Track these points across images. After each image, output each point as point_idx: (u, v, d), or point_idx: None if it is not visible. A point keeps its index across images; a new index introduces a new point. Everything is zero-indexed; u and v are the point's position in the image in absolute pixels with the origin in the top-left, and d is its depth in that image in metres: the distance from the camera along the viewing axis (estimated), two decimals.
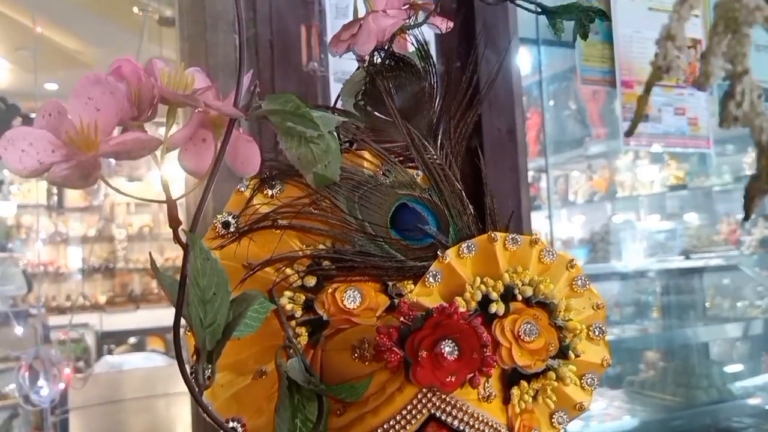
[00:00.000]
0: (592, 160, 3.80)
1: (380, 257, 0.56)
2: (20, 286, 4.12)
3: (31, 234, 4.75)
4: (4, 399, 3.75)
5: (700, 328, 2.80)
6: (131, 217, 5.45)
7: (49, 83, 4.31)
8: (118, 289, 5.37)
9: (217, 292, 0.44)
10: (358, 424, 0.52)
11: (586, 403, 0.58)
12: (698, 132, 2.27)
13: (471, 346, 0.50)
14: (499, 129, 1.75)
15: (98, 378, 3.39)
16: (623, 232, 3.29)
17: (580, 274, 0.59)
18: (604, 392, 2.73)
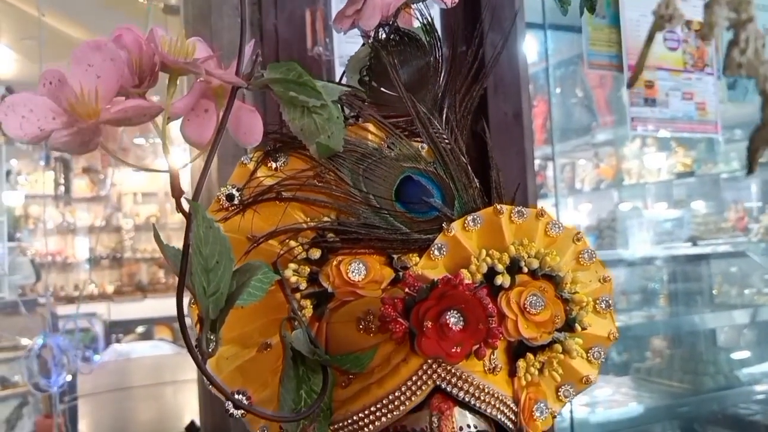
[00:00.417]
0: (599, 147, 3.77)
1: (385, 230, 0.55)
2: (28, 276, 4.15)
3: (39, 224, 4.77)
4: (14, 387, 3.78)
5: (708, 314, 2.79)
6: (138, 207, 5.46)
7: None
8: (125, 279, 5.39)
9: (219, 260, 0.44)
10: (363, 396, 0.52)
11: (593, 377, 0.58)
12: (706, 117, 2.25)
13: (476, 316, 0.49)
14: (505, 113, 1.74)
15: (106, 366, 3.41)
16: (630, 220, 3.28)
17: (586, 248, 0.58)
18: (610, 379, 2.73)
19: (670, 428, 2.53)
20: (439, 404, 0.51)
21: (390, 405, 0.51)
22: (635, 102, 2.14)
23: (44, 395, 3.43)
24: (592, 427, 2.35)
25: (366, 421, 0.51)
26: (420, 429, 0.51)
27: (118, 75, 0.42)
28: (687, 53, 2.21)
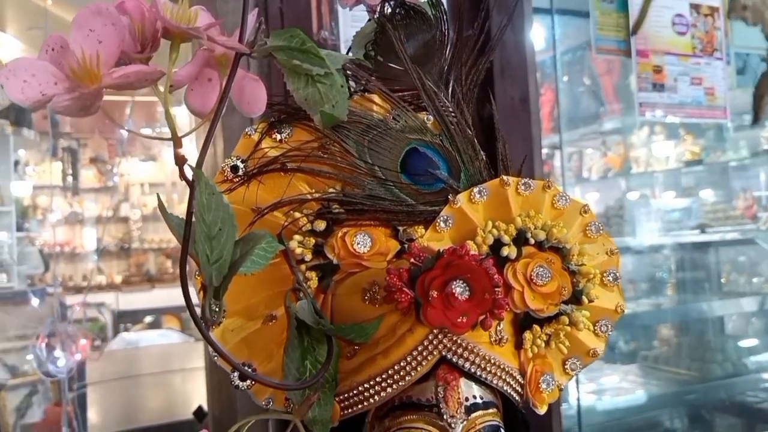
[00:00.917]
0: (607, 136, 3.75)
1: (390, 201, 0.55)
2: (37, 265, 4.17)
3: (47, 214, 4.79)
4: (24, 376, 3.81)
5: (716, 302, 2.77)
6: (145, 198, 5.48)
7: None
8: (133, 269, 5.41)
9: (222, 227, 0.43)
10: (368, 366, 0.51)
11: (600, 350, 0.57)
12: (715, 102, 2.23)
13: (482, 286, 0.49)
14: (512, 98, 1.72)
15: (115, 354, 3.43)
16: (638, 209, 3.26)
17: (593, 220, 0.58)
18: (617, 367, 2.72)
19: (677, 416, 2.52)
20: (444, 375, 0.51)
21: (395, 375, 0.51)
22: (643, 87, 2.12)
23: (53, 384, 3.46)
24: (599, 415, 2.34)
25: (371, 392, 0.51)
26: (425, 399, 0.51)
27: (120, 40, 0.42)
28: (696, 38, 2.19)
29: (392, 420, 0.51)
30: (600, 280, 0.57)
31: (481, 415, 0.51)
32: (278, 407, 0.52)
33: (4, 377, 3.75)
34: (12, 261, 3.93)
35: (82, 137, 5.11)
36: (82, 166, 5.15)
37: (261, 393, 0.54)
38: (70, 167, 4.91)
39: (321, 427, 0.51)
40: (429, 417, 0.50)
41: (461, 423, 0.50)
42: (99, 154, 5.19)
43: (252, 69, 0.60)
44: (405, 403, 0.51)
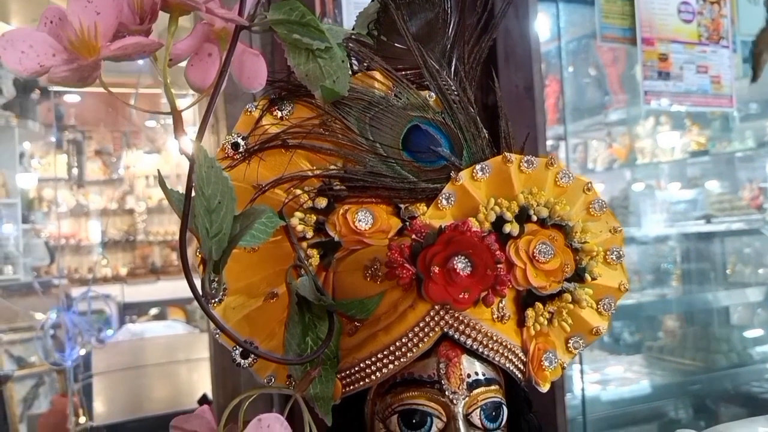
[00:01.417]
0: (612, 127, 3.73)
1: (392, 178, 0.55)
2: (42, 257, 4.18)
3: (53, 207, 4.80)
4: (30, 367, 3.83)
5: (721, 292, 2.76)
6: (150, 190, 5.49)
7: None
8: (138, 261, 5.43)
9: (222, 200, 0.43)
10: (370, 343, 0.51)
11: (603, 328, 0.57)
12: (721, 90, 2.22)
13: (484, 262, 0.48)
14: (516, 86, 1.72)
15: (120, 345, 3.44)
16: (643, 199, 3.24)
17: (597, 198, 0.57)
18: (622, 358, 2.72)
19: (681, 406, 2.52)
20: (446, 352, 0.51)
21: (397, 352, 0.50)
22: (648, 75, 2.11)
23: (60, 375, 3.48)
24: (603, 405, 2.34)
25: (373, 368, 0.51)
26: (427, 376, 0.51)
27: (117, 11, 0.42)
28: (702, 25, 2.17)
29: (394, 396, 0.51)
30: (603, 258, 0.57)
31: (483, 392, 0.51)
32: (280, 384, 0.52)
33: (11, 368, 3.77)
34: (18, 253, 3.94)
35: (87, 129, 5.11)
36: (87, 158, 5.16)
37: (263, 371, 0.54)
38: (76, 160, 4.92)
39: (323, 403, 0.51)
40: (431, 393, 0.50)
41: (463, 399, 0.50)
42: (104, 147, 5.20)
43: (254, 47, 0.60)
44: (407, 379, 0.51)
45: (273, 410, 1.04)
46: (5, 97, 3.69)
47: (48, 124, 4.10)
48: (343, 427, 0.54)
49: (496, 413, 0.51)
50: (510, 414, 0.54)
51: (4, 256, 3.92)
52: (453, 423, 0.49)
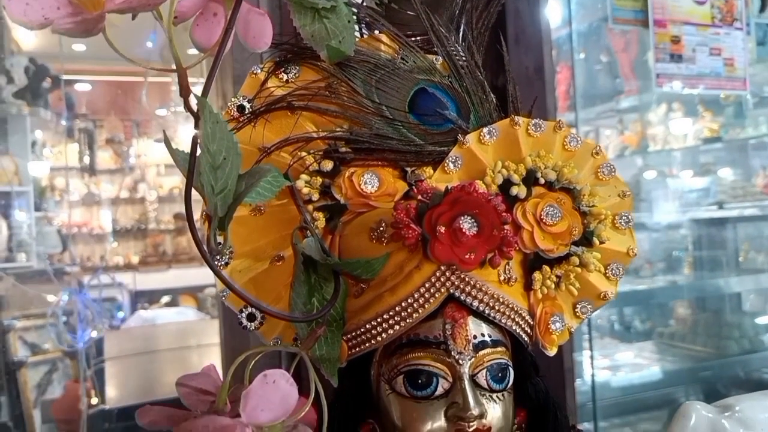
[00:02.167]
0: (624, 114, 3.70)
1: (398, 140, 0.54)
2: (55, 245, 4.21)
3: (65, 196, 4.83)
4: (44, 353, 3.87)
5: (733, 278, 2.74)
6: (161, 179, 5.51)
7: (76, 44, 4.33)
8: (150, 250, 5.46)
9: (227, 156, 0.43)
10: (376, 304, 0.51)
11: (611, 293, 0.56)
12: (734, 73, 2.19)
13: (491, 222, 0.48)
14: (526, 67, 1.70)
15: (132, 331, 3.47)
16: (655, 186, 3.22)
17: (605, 162, 0.57)
18: (633, 344, 2.71)
19: (692, 392, 2.50)
20: (452, 313, 0.50)
21: (403, 312, 0.50)
22: (660, 58, 2.09)
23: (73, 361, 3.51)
24: (614, 391, 2.33)
25: (379, 330, 0.51)
26: (433, 336, 0.50)
27: None
28: (715, 7, 2.14)
29: (399, 357, 0.51)
30: (612, 223, 0.56)
31: (489, 353, 0.51)
32: (286, 343, 0.52)
33: (25, 355, 3.82)
34: (31, 240, 3.97)
35: (98, 118, 5.14)
36: (98, 147, 5.18)
37: (269, 333, 0.54)
38: (87, 148, 4.95)
39: (329, 365, 0.50)
40: (437, 354, 0.50)
41: (469, 360, 0.50)
42: (115, 135, 5.22)
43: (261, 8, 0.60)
44: (412, 340, 0.51)
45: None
46: (17, 85, 3.71)
47: (60, 112, 4.12)
48: (350, 390, 0.54)
49: (502, 375, 0.51)
50: (517, 378, 0.53)
51: (17, 243, 3.95)
52: (459, 383, 0.49)
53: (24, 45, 4.10)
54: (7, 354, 3.80)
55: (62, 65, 3.88)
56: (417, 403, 0.50)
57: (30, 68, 3.76)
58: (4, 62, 3.66)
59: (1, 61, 3.65)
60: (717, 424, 0.68)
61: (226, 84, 0.98)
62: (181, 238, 5.49)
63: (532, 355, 0.56)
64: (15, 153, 3.80)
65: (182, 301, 4.98)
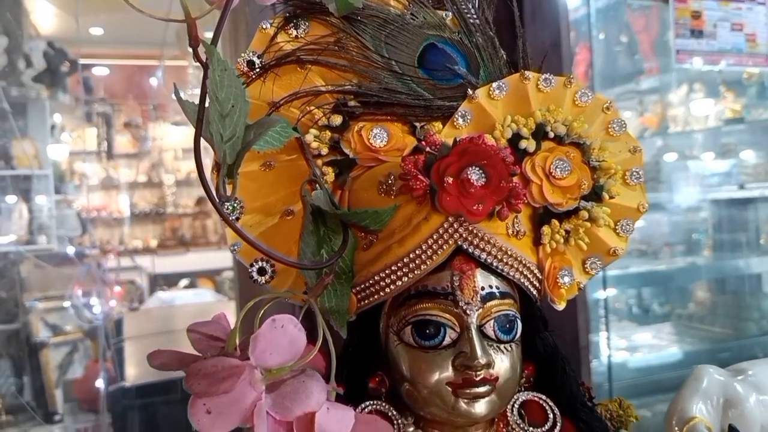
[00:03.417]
0: (644, 95, 3.65)
1: (407, 95, 0.54)
2: (75, 228, 4.27)
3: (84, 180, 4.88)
4: (65, 335, 3.94)
5: (753, 259, 2.71)
6: (179, 163, 5.55)
7: (93, 28, 4.36)
8: (168, 233, 5.52)
9: (235, 103, 0.43)
10: (384, 256, 0.51)
11: (620, 249, 0.56)
12: (756, 49, 2.15)
13: (498, 173, 0.48)
14: (542, 42, 1.68)
15: (151, 312, 3.52)
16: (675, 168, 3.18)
17: (616, 117, 0.56)
18: (651, 326, 2.69)
19: None
20: (460, 265, 0.51)
21: (411, 264, 0.50)
22: (681, 34, 2.05)
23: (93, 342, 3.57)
24: (631, 372, 2.32)
25: (387, 281, 0.51)
26: (441, 288, 0.51)
27: None
28: None
29: (408, 308, 0.51)
30: (622, 179, 0.56)
31: (497, 304, 0.51)
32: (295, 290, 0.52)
33: (46, 335, 3.89)
34: (51, 223, 4.03)
35: (116, 102, 5.17)
36: (116, 131, 5.22)
37: (279, 287, 0.54)
38: (105, 132, 4.99)
39: (339, 317, 0.51)
40: (445, 304, 0.50)
41: (477, 310, 0.50)
42: (133, 119, 5.26)
43: None
44: (421, 292, 0.51)
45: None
46: (35, 69, 3.75)
47: (77, 96, 4.15)
48: (359, 342, 0.54)
49: (509, 326, 0.51)
50: (525, 332, 0.53)
51: (38, 226, 4.00)
52: (466, 333, 0.50)
53: (42, 29, 4.13)
54: (29, 335, 3.87)
55: (79, 49, 3.91)
56: (425, 353, 0.50)
57: (49, 52, 3.79)
58: (23, 46, 3.69)
59: (20, 45, 3.68)
60: (729, 387, 0.68)
61: (240, 45, 0.98)
62: (199, 222, 5.54)
63: (540, 309, 0.56)
64: (35, 137, 3.85)
65: (200, 284, 5.04)
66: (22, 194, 3.88)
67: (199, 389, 0.39)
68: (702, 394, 0.67)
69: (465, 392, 0.49)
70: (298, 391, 0.42)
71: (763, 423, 0.69)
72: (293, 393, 0.42)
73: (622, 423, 0.59)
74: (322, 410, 0.42)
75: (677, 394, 0.67)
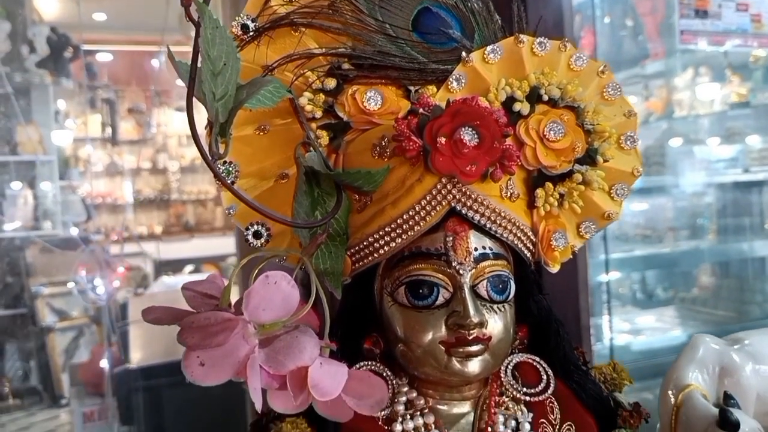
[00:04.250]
0: (649, 80, 3.63)
1: (401, 58, 0.54)
2: (79, 213, 4.28)
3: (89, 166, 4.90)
4: (71, 320, 3.97)
5: (757, 242, 2.70)
6: (183, 150, 5.55)
7: (96, 13, 4.35)
8: (173, 220, 5.54)
9: (227, 61, 0.43)
10: (378, 217, 0.51)
11: (615, 213, 0.56)
12: (761, 29, 2.13)
13: (492, 134, 0.48)
14: (545, 21, 1.67)
15: (157, 296, 3.53)
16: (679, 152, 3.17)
17: (611, 81, 0.56)
18: (654, 309, 2.69)
19: None
20: (454, 226, 0.51)
21: (405, 225, 0.51)
22: (685, 14, 2.04)
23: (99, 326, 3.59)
24: (633, 354, 2.32)
25: (381, 243, 0.51)
26: (435, 249, 0.51)
27: None
28: None
29: (401, 269, 0.51)
30: (617, 143, 0.56)
31: (490, 265, 0.51)
32: (292, 264, 0.53)
33: (53, 320, 3.92)
34: (56, 209, 4.05)
35: (120, 88, 5.18)
36: (121, 117, 5.23)
37: (274, 250, 0.55)
38: (109, 118, 5.00)
39: (333, 279, 0.51)
40: (438, 265, 0.51)
41: (470, 271, 0.50)
42: (136, 105, 5.26)
43: None
44: (414, 253, 0.51)
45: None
46: (39, 54, 3.75)
47: (81, 82, 4.15)
48: (354, 304, 0.55)
49: (502, 286, 0.51)
50: (519, 294, 0.54)
51: (43, 212, 4.02)
52: (459, 293, 0.50)
53: (45, 14, 4.13)
54: (36, 320, 3.90)
55: (82, 34, 3.90)
56: (418, 312, 0.51)
57: (52, 38, 3.79)
58: (26, 32, 3.69)
59: (24, 31, 3.68)
60: (725, 356, 0.68)
61: (240, 9, 0.98)
62: (203, 208, 5.55)
63: (534, 272, 0.56)
64: (39, 122, 3.86)
65: (205, 270, 5.06)
66: (27, 180, 3.90)
67: (193, 342, 0.40)
68: (698, 362, 0.67)
69: (458, 351, 0.49)
70: (291, 346, 0.42)
71: (759, 392, 0.69)
72: (286, 348, 0.42)
73: (616, 386, 0.59)
74: (315, 365, 0.42)
75: (673, 362, 0.68)
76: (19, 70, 3.69)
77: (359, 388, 0.44)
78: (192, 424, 2.20)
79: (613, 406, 0.57)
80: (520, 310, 0.55)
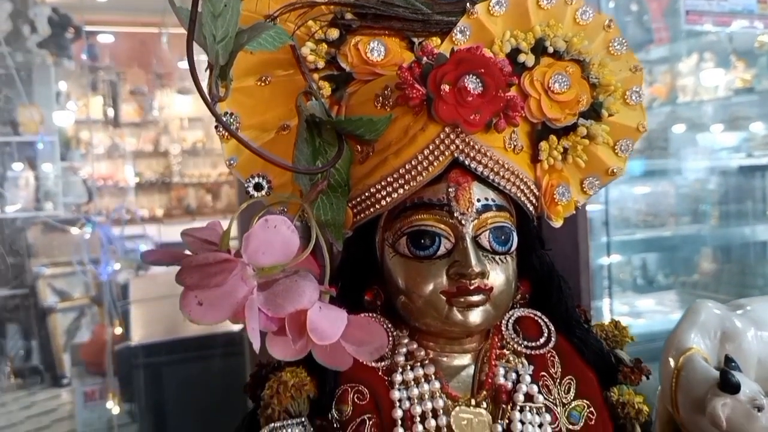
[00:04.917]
0: (653, 65, 3.61)
1: (405, 8, 0.53)
2: (81, 194, 4.28)
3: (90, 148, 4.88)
4: (72, 300, 3.98)
5: (759, 226, 2.69)
6: (184, 133, 5.53)
7: None
8: (174, 203, 5.53)
9: (227, 2, 0.43)
10: (380, 168, 0.51)
11: (619, 169, 0.56)
12: (767, 11, 2.12)
13: (496, 82, 0.47)
14: None
15: (158, 277, 3.54)
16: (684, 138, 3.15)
17: (618, 35, 0.55)
18: (654, 293, 2.69)
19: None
20: (457, 177, 0.50)
21: (407, 175, 0.50)
22: None
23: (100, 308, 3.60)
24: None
25: (383, 193, 0.51)
26: (437, 199, 0.50)
27: None
28: None
29: (403, 220, 0.51)
30: (622, 98, 0.55)
31: (492, 216, 0.51)
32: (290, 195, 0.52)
33: (54, 300, 3.93)
34: (57, 190, 4.04)
35: (122, 71, 5.15)
36: (122, 100, 5.21)
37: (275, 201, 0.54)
38: (111, 101, 4.98)
39: (335, 230, 0.51)
40: (440, 215, 0.50)
41: (472, 221, 0.50)
42: (138, 87, 5.24)
43: None
44: (416, 203, 0.51)
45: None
46: (40, 35, 3.73)
47: (83, 63, 4.14)
48: (356, 256, 0.54)
49: (504, 237, 0.51)
50: (522, 249, 0.53)
51: (44, 193, 4.02)
52: (461, 243, 0.49)
53: None
54: (37, 300, 3.91)
55: (83, 15, 3.88)
56: (420, 263, 0.50)
57: (53, 18, 3.77)
58: (27, 12, 3.67)
59: (25, 11, 3.66)
60: (727, 321, 0.68)
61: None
62: (205, 191, 5.55)
63: (537, 228, 0.55)
64: (40, 103, 3.84)
65: None
66: (28, 161, 3.89)
67: (191, 282, 0.39)
68: (700, 326, 0.67)
69: (459, 301, 0.49)
70: (291, 289, 0.42)
71: (761, 357, 0.69)
72: (285, 291, 0.42)
73: (618, 343, 0.59)
74: (314, 308, 0.42)
75: (675, 327, 0.67)
76: (21, 50, 3.67)
77: (359, 334, 0.44)
78: (192, 402, 2.21)
79: (614, 362, 0.56)
80: (523, 265, 0.54)
